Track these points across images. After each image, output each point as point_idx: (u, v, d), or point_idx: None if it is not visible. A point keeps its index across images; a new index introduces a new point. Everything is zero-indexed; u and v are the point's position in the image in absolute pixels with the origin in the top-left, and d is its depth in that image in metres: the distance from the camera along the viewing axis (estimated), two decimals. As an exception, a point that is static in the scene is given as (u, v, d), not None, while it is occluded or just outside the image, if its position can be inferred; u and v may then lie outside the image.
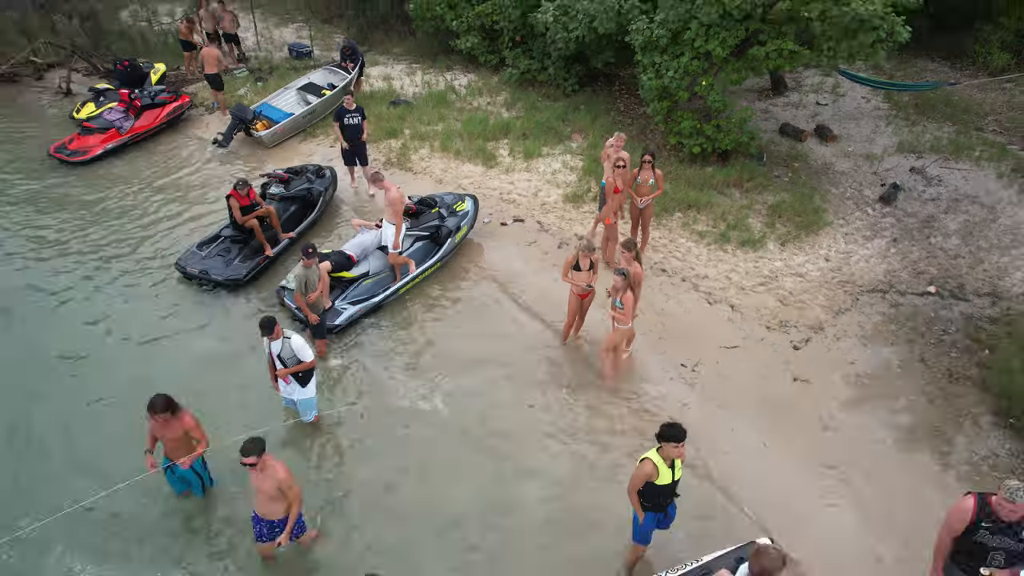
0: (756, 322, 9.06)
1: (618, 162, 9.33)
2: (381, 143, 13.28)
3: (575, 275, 8.28)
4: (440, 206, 10.43)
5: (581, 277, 8.26)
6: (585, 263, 8.21)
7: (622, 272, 7.67)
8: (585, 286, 8.26)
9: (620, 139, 9.85)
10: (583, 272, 8.24)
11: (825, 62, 10.91)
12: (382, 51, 18.18)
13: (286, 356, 7.12)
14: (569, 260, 8.26)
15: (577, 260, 8.20)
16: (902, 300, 9.48)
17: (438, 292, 9.78)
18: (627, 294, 7.70)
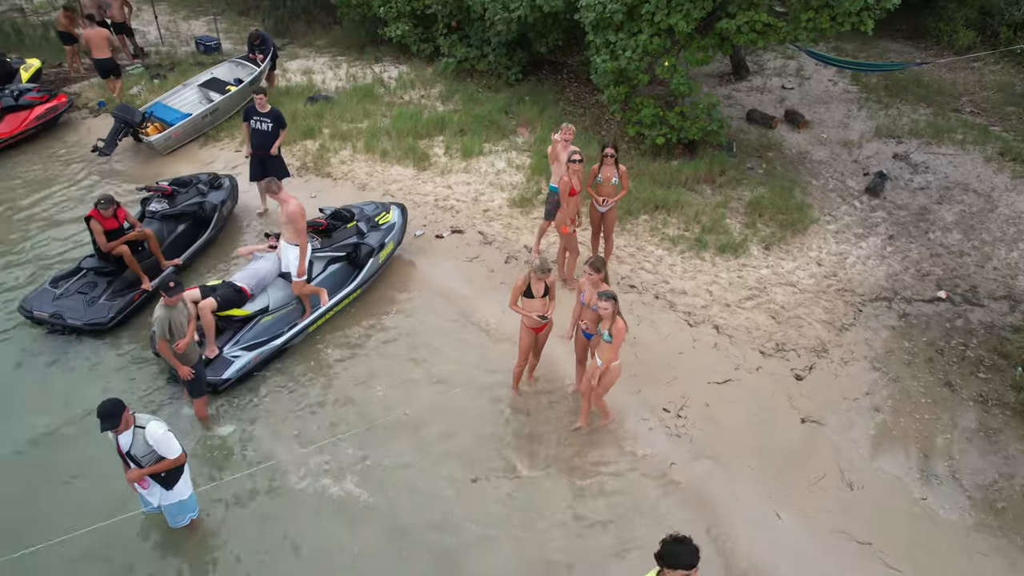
0: (748, 346, 7.22)
1: (573, 156, 7.35)
2: (295, 145, 11.01)
3: (526, 304, 6.29)
4: (359, 219, 8.28)
5: (534, 306, 6.28)
6: (538, 288, 6.22)
7: (609, 295, 5.74)
8: (539, 318, 6.28)
9: (568, 131, 7.86)
10: (536, 300, 6.25)
11: (804, 36, 9.15)
12: (304, 43, 15.81)
13: (139, 453, 4.93)
14: (518, 285, 6.26)
15: (529, 285, 6.22)
16: (910, 309, 7.79)
17: (358, 327, 7.64)
18: (618, 322, 5.79)
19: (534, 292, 6.24)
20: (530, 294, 6.25)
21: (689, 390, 6.69)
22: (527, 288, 6.24)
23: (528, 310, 6.30)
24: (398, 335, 7.51)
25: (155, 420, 4.98)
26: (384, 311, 7.83)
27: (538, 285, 6.22)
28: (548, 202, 8.15)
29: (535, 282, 6.20)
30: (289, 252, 7.33)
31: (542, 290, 6.25)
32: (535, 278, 6.16)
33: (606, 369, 5.97)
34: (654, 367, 6.87)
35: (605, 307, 5.71)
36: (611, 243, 8.13)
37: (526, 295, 6.27)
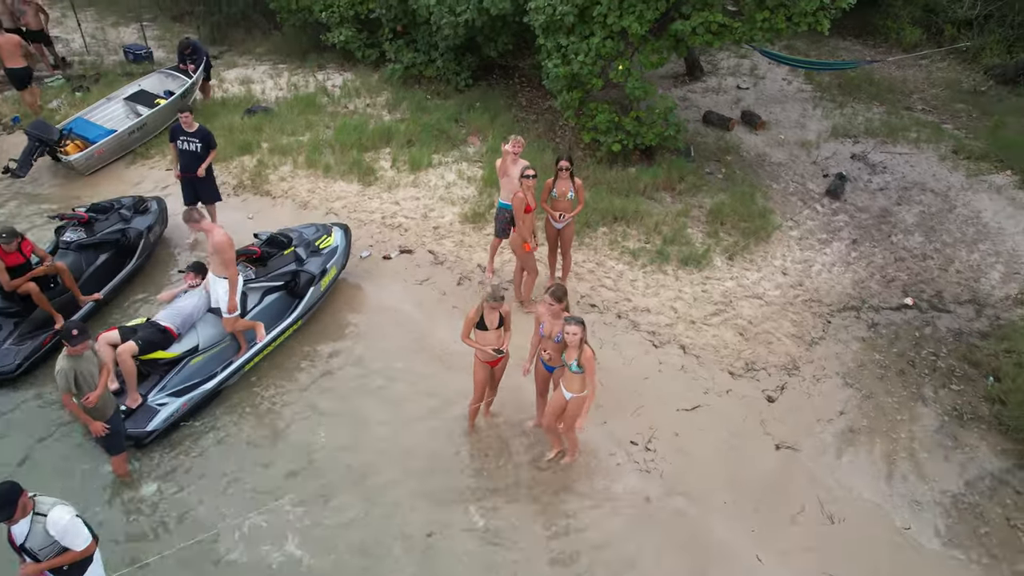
0: (716, 367, 6.77)
1: (525, 171, 6.78)
2: (232, 162, 10.19)
3: (480, 336, 5.71)
4: (297, 244, 7.56)
5: (489, 339, 5.69)
6: (492, 319, 5.64)
7: (578, 320, 5.20)
8: (494, 351, 5.70)
9: (518, 144, 7.25)
10: (491, 332, 5.67)
11: (759, 36, 8.77)
12: (243, 51, 14.89)
13: (36, 545, 4.16)
14: (471, 317, 5.66)
15: (482, 315, 5.63)
16: (879, 318, 7.45)
17: (299, 363, 6.94)
18: (586, 351, 5.23)
19: (488, 323, 5.66)
20: (483, 326, 5.67)
21: (657, 419, 6.20)
22: (480, 319, 5.66)
23: (482, 343, 5.72)
24: (343, 369, 6.84)
25: (60, 505, 4.22)
26: (327, 343, 7.15)
27: (492, 315, 5.64)
28: (498, 219, 7.57)
29: (488, 312, 5.62)
30: (218, 286, 6.59)
31: (496, 321, 5.67)
32: (488, 308, 5.57)
33: (581, 402, 5.45)
34: (619, 395, 6.36)
35: (574, 333, 5.15)
36: (569, 260, 7.60)
37: (479, 327, 5.69)
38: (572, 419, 5.59)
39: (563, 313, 5.47)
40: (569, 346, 5.27)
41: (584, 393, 5.44)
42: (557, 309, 5.42)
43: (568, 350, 5.32)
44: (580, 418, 5.44)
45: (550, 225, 7.32)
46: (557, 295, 5.41)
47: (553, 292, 5.41)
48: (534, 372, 5.89)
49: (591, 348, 5.27)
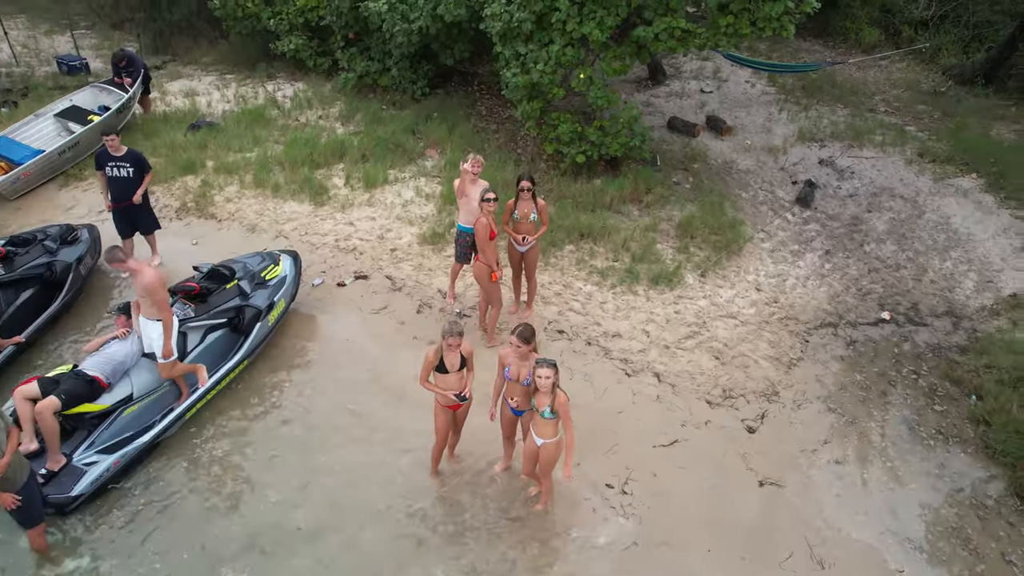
0: (693, 396, 6.34)
1: (486, 194, 6.23)
2: (174, 183, 9.43)
3: (441, 380, 5.16)
4: (241, 276, 6.89)
5: (450, 383, 5.15)
6: (453, 360, 5.10)
7: (550, 363, 4.69)
8: (456, 397, 5.16)
9: (477, 163, 6.70)
10: (452, 375, 5.13)
11: (724, 42, 8.37)
12: (188, 61, 14.04)
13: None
14: (429, 359, 5.10)
15: (441, 357, 5.09)
16: (857, 335, 7.12)
17: (246, 407, 6.30)
18: (559, 396, 4.74)
19: (448, 365, 5.11)
20: (444, 368, 5.12)
21: (633, 458, 5.73)
22: (440, 360, 5.11)
23: (443, 387, 5.17)
24: (294, 413, 6.21)
25: None
26: (276, 383, 6.51)
27: (452, 356, 5.10)
28: (458, 243, 7.02)
29: (448, 353, 5.08)
30: (150, 329, 5.89)
31: (457, 362, 5.13)
32: (448, 347, 5.03)
33: (555, 448, 4.96)
34: (592, 432, 5.86)
35: (546, 377, 4.64)
36: (534, 285, 7.09)
37: (439, 370, 5.14)
38: (547, 465, 5.10)
39: (532, 355, 4.96)
40: (540, 391, 4.77)
41: (557, 438, 4.95)
42: (525, 351, 4.90)
43: (539, 395, 4.82)
44: (566, 468, 4.93)
45: (513, 248, 6.80)
46: (525, 336, 4.88)
47: (520, 333, 4.89)
48: (500, 416, 5.36)
49: (564, 393, 4.78)
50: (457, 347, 5.02)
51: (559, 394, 4.76)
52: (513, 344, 4.88)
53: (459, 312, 7.18)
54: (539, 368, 4.70)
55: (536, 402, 4.86)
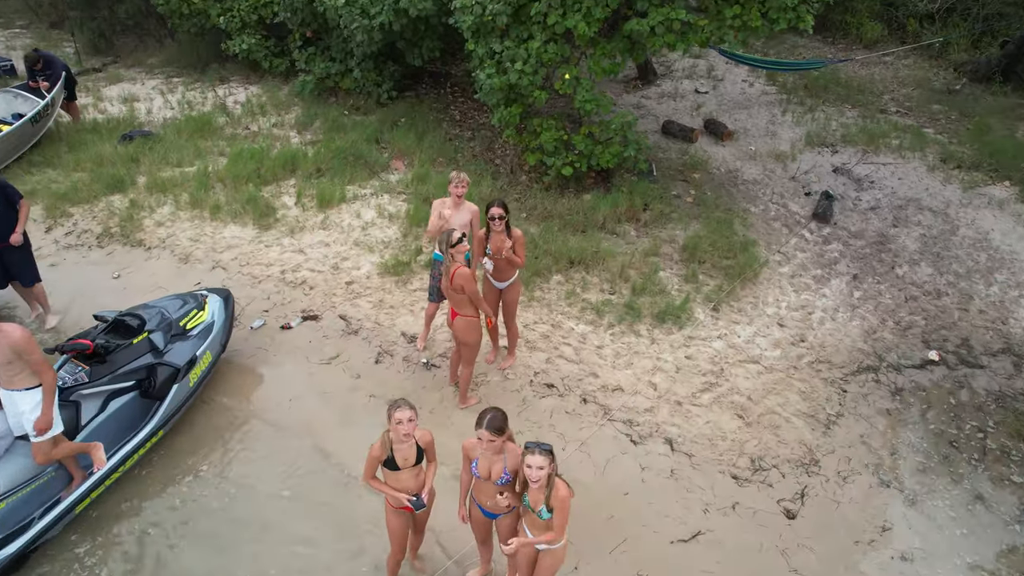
0: (715, 468, 5.02)
1: (452, 236, 4.80)
2: (97, 203, 7.94)
3: (392, 479, 3.79)
4: (154, 327, 5.44)
5: (403, 482, 3.78)
6: (407, 453, 3.73)
7: (542, 449, 3.37)
8: (412, 501, 3.79)
9: (462, 183, 5.35)
10: (405, 471, 3.76)
11: (731, 36, 7.06)
12: (132, 63, 12.49)
13: None
14: (374, 455, 3.73)
15: (391, 446, 3.72)
16: (902, 380, 5.85)
17: (157, 496, 4.86)
18: (559, 489, 3.42)
19: (400, 460, 3.75)
20: (394, 464, 3.75)
21: (646, 559, 4.39)
22: (389, 451, 3.74)
23: (395, 487, 3.80)
24: (218, 504, 4.79)
25: None
26: (198, 463, 5.08)
27: (404, 448, 3.73)
28: (433, 277, 5.65)
29: (400, 445, 3.71)
30: (20, 401, 4.46)
31: (412, 455, 3.76)
32: (396, 435, 3.66)
33: (560, 555, 3.66)
34: (593, 524, 4.52)
35: (538, 468, 3.34)
36: (515, 330, 5.72)
37: (388, 466, 3.77)
38: (550, 574, 3.77)
39: (507, 445, 3.62)
40: (532, 486, 3.42)
41: (563, 542, 3.62)
42: (498, 444, 3.55)
43: (531, 491, 3.47)
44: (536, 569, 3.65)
45: (489, 286, 5.43)
46: (496, 427, 3.52)
47: (490, 423, 3.52)
48: (471, 517, 4.00)
49: (565, 484, 3.44)
50: (408, 436, 3.66)
51: (558, 486, 3.42)
52: (484, 438, 3.52)
53: (426, 362, 5.80)
54: (529, 456, 3.36)
55: (530, 500, 3.52)
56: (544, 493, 3.44)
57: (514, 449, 3.64)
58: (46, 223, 7.65)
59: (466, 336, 4.98)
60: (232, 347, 5.97)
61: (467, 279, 4.69)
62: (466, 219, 5.34)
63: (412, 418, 3.59)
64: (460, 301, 4.85)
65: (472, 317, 4.90)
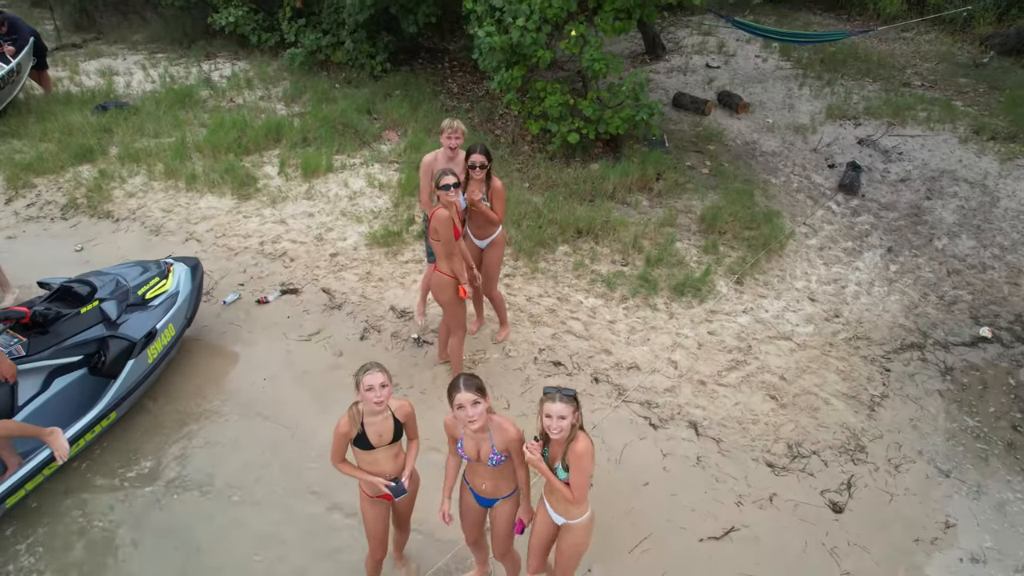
0: (747, 455, 4.34)
1: (444, 178, 4.13)
2: (64, 174, 7.27)
3: (364, 460, 3.13)
4: (107, 295, 4.76)
5: (379, 463, 3.12)
6: (381, 428, 3.07)
7: (564, 394, 2.77)
8: (390, 486, 3.13)
9: (457, 132, 4.67)
10: (381, 451, 3.10)
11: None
12: (115, 39, 11.84)
13: None
14: (341, 430, 3.06)
15: (361, 425, 3.05)
16: (952, 359, 5.17)
17: (107, 489, 4.19)
18: (579, 441, 2.79)
19: (372, 438, 3.08)
20: (366, 443, 3.08)
21: (672, 560, 3.71)
22: (360, 427, 3.07)
23: (369, 471, 3.13)
24: (176, 498, 4.11)
25: None
26: (156, 449, 4.41)
27: (378, 422, 3.06)
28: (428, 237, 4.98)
29: (372, 418, 3.05)
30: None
31: (389, 431, 3.10)
32: (368, 405, 2.99)
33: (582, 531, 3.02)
34: (610, 518, 3.84)
35: (559, 418, 2.72)
36: (499, 298, 5.00)
37: (359, 444, 3.10)
38: (571, 560, 3.12)
39: (491, 419, 2.95)
40: (553, 438, 2.79)
41: (588, 515, 2.99)
42: (476, 417, 2.86)
43: (552, 445, 2.87)
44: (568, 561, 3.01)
45: (470, 244, 4.75)
46: (475, 384, 2.85)
47: (467, 383, 2.84)
48: (460, 509, 3.32)
49: (587, 436, 2.82)
50: (380, 406, 2.98)
51: (579, 439, 2.79)
52: (463, 412, 2.84)
53: (416, 338, 5.12)
54: (548, 403, 2.76)
55: (549, 455, 2.90)
56: (563, 448, 2.81)
57: (501, 424, 2.96)
58: (7, 194, 7.00)
59: (437, 295, 4.32)
60: (201, 322, 5.31)
61: (442, 223, 4.02)
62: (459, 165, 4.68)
63: (385, 383, 2.92)
64: (438, 251, 4.18)
65: (446, 275, 4.23)
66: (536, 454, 2.85)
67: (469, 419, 2.82)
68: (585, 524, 2.99)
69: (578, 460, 2.77)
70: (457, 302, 4.33)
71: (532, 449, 2.85)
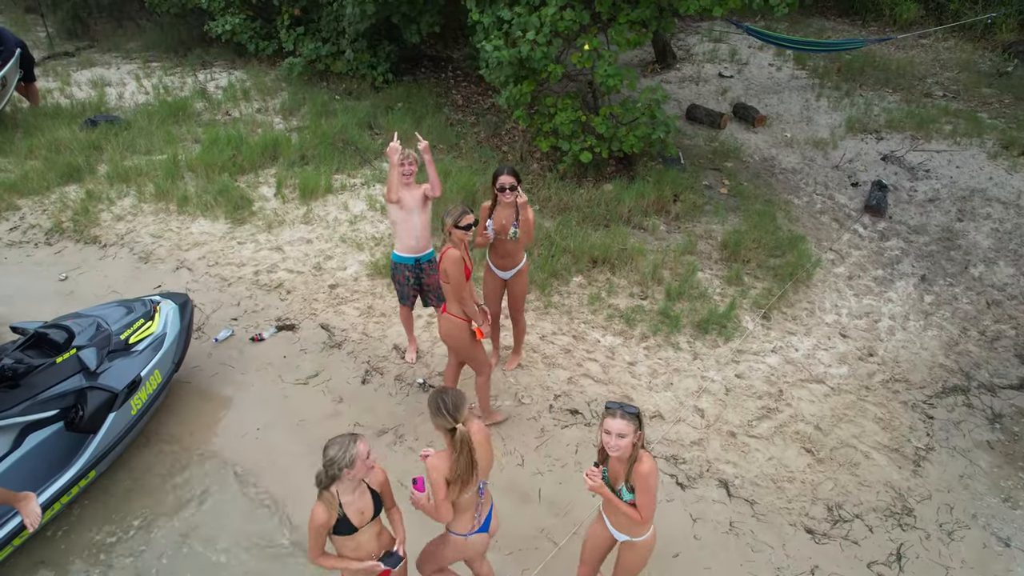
0: (784, 519, 3.94)
1: (462, 218, 3.71)
2: (49, 194, 6.86)
3: (347, 547, 2.75)
4: (87, 341, 4.35)
5: (364, 546, 2.75)
6: (359, 504, 2.68)
7: (628, 411, 2.64)
8: (383, 559, 2.75)
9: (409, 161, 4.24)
10: (365, 532, 2.72)
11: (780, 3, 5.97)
12: (109, 47, 11.41)
13: None
14: (319, 521, 2.63)
15: (340, 508, 2.66)
16: (1000, 404, 4.76)
17: (84, 554, 3.79)
18: (643, 463, 2.66)
19: (354, 519, 2.70)
20: (348, 526, 2.70)
21: (709, 651, 3.31)
22: (339, 509, 2.67)
23: (354, 556, 2.76)
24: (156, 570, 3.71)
25: None
26: (135, 516, 4.00)
27: (356, 499, 2.67)
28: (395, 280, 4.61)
29: (348, 495, 2.65)
30: None
31: (370, 506, 2.72)
32: (356, 476, 2.61)
33: (644, 550, 2.90)
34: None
35: (619, 435, 2.62)
36: (522, 326, 4.65)
37: (339, 531, 2.70)
38: (632, 574, 2.97)
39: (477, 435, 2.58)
40: (612, 455, 2.65)
41: (644, 537, 2.85)
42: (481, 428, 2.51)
43: (612, 463, 2.74)
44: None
45: (491, 276, 4.36)
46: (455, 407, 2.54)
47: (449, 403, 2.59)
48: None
49: (649, 456, 2.67)
50: (354, 481, 2.61)
51: (641, 459, 2.67)
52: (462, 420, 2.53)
53: (422, 383, 4.72)
54: (609, 420, 2.65)
55: (609, 475, 2.75)
56: (626, 467, 2.69)
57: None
58: (-11, 217, 6.57)
59: (449, 340, 3.93)
60: (191, 362, 4.91)
61: (453, 263, 3.63)
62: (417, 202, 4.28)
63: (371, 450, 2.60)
64: (448, 293, 3.80)
65: (458, 319, 3.84)
66: (597, 480, 2.72)
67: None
68: (648, 543, 2.89)
69: (644, 481, 2.66)
70: (474, 344, 3.94)
71: (593, 476, 2.71)
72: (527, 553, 3.66)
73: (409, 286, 4.47)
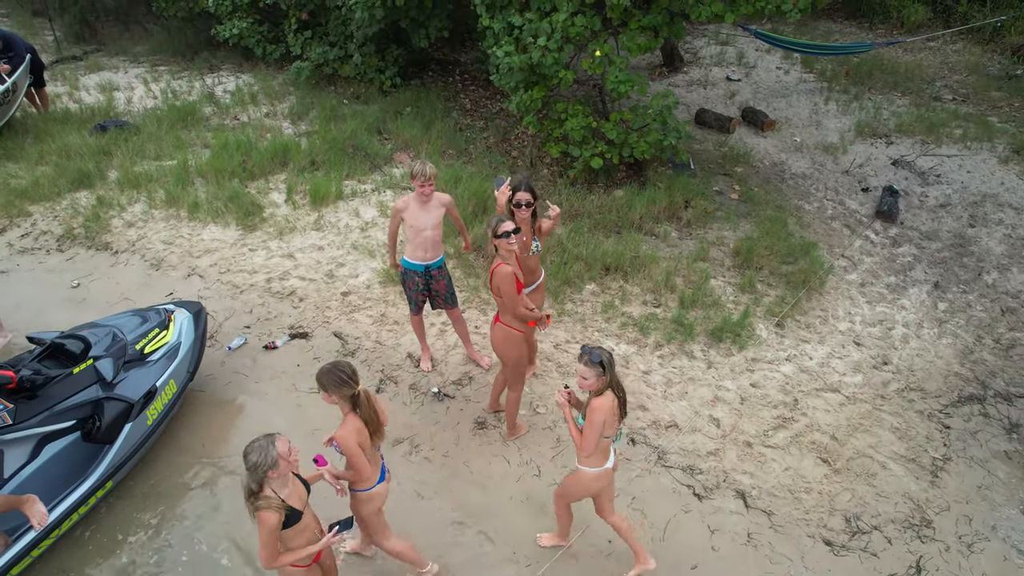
0: (802, 531, 3.92)
1: (501, 227, 3.67)
2: (60, 200, 6.87)
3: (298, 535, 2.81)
4: (104, 351, 4.35)
5: (311, 527, 2.84)
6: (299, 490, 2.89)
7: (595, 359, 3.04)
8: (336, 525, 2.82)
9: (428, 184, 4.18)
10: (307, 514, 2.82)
11: (789, 4, 5.95)
12: (116, 51, 11.41)
13: None
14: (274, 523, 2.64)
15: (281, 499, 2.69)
16: (1017, 414, 4.74)
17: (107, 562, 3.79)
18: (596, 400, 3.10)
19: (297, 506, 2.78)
20: (296, 515, 2.77)
21: (730, 665, 3.30)
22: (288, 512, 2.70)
23: (303, 537, 2.83)
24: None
25: None
26: (152, 522, 4.00)
27: (291, 488, 2.84)
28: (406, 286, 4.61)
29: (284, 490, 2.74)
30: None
31: (302, 487, 2.99)
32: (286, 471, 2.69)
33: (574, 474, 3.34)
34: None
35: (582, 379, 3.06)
36: (533, 342, 4.65)
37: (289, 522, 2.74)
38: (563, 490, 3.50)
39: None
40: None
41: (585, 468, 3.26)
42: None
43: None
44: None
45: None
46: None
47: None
48: None
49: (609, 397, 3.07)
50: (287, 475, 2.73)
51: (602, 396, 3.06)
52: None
53: (437, 392, 4.71)
54: (579, 363, 3.07)
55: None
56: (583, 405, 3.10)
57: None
58: (0, 224, 6.57)
59: (502, 350, 3.91)
60: (205, 371, 4.90)
61: (505, 280, 3.62)
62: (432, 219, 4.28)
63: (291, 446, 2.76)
64: (500, 304, 3.79)
65: (513, 329, 3.82)
66: (562, 398, 3.18)
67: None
68: (586, 475, 3.21)
69: (590, 414, 3.03)
70: (523, 359, 3.94)
71: (562, 393, 3.19)
72: (542, 564, 3.64)
73: (419, 291, 4.46)
